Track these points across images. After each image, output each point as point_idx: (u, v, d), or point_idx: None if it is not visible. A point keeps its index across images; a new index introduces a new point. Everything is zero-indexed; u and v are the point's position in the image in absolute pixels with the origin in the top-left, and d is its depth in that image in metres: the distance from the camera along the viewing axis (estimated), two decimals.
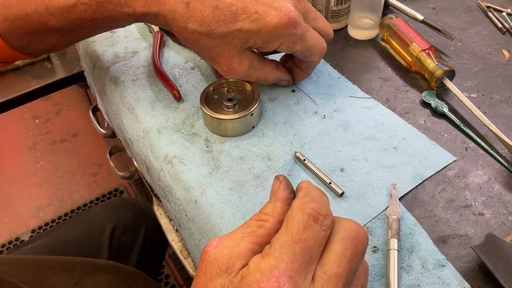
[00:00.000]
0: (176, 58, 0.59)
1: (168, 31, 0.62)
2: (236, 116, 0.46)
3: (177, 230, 0.70)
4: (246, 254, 0.26)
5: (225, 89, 0.51)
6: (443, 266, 0.37)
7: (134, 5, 0.41)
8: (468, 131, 0.48)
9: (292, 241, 0.25)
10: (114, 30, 0.64)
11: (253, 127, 0.49)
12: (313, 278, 0.25)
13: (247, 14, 0.39)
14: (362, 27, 0.61)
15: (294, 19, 0.40)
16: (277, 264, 0.24)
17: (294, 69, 0.50)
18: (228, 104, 0.48)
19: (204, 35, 0.40)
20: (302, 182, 0.31)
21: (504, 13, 0.64)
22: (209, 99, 0.49)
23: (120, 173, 1.03)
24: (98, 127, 0.95)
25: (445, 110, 0.50)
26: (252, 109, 0.47)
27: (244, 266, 0.26)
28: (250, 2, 0.40)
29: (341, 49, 0.60)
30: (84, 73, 0.72)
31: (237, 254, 0.26)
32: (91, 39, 0.63)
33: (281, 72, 0.48)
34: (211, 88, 0.50)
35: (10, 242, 1.45)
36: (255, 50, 0.46)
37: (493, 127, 0.47)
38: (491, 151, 0.46)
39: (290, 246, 0.25)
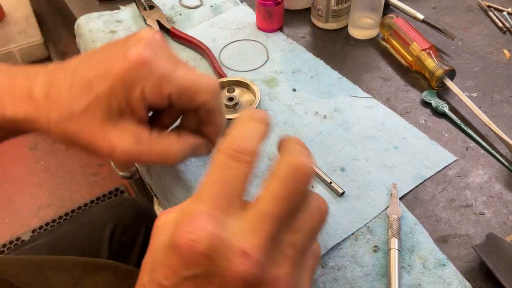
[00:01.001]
0: None
1: (168, 30, 0.62)
2: (236, 116, 0.46)
3: None
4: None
5: (226, 89, 0.51)
6: (444, 265, 0.37)
7: (3, 110, 0.35)
8: (469, 130, 0.48)
9: (212, 182, 0.26)
10: (115, 29, 0.64)
11: None
12: (244, 215, 0.25)
13: (98, 75, 0.35)
14: (363, 26, 0.61)
15: (143, 59, 0.35)
16: (201, 207, 0.25)
17: (202, 128, 0.40)
18: (229, 103, 0.48)
19: (66, 120, 0.35)
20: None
21: (504, 13, 0.64)
22: None
23: (121, 173, 1.04)
24: None
25: (446, 109, 0.50)
26: None
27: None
28: (99, 63, 0.35)
29: (342, 48, 0.60)
30: None
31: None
32: (91, 38, 0.63)
33: (189, 137, 0.39)
34: None
35: (11, 242, 1.45)
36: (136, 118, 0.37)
37: (493, 127, 0.47)
38: (491, 151, 0.46)
39: (211, 187, 0.26)
